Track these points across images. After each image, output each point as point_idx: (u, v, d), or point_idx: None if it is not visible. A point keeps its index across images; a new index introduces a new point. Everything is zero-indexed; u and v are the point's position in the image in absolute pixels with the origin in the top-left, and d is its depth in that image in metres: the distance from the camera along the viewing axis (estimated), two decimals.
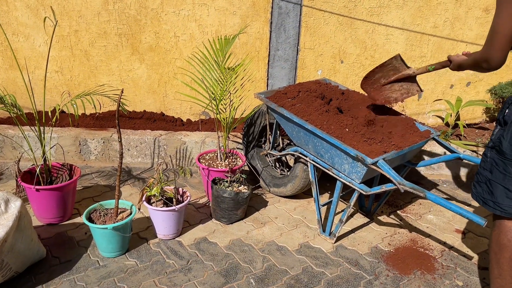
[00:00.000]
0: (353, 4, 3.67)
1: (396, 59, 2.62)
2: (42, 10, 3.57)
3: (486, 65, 1.84)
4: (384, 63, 2.68)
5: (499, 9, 1.70)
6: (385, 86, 2.71)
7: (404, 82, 2.64)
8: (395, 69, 2.65)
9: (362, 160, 2.31)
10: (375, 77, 2.74)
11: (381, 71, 2.70)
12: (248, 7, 3.64)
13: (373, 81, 2.75)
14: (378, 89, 2.75)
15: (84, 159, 3.61)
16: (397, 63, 2.63)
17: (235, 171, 2.96)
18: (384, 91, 2.72)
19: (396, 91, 2.69)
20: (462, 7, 3.72)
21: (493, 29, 1.73)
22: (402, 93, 2.67)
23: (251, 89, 3.89)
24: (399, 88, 2.66)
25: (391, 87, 2.69)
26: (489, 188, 1.92)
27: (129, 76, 3.84)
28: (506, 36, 1.70)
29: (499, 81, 3.97)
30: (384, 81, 2.70)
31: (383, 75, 2.70)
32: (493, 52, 1.76)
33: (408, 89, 2.64)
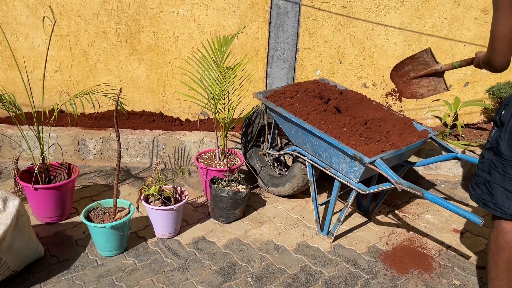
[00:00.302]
0: (351, 5, 3.68)
1: (427, 53, 2.60)
2: (41, 10, 3.58)
3: (491, 68, 1.85)
4: (414, 55, 2.67)
5: (497, 14, 1.70)
6: (414, 80, 2.68)
7: (433, 78, 2.62)
8: (425, 63, 2.63)
9: (360, 160, 2.32)
10: (405, 69, 2.71)
11: (411, 63, 2.68)
12: (247, 7, 3.65)
13: (403, 73, 2.73)
14: (407, 82, 2.73)
15: (83, 158, 3.61)
16: (427, 57, 2.62)
17: (233, 170, 2.97)
18: (413, 85, 2.70)
19: (423, 87, 2.66)
20: (460, 8, 3.73)
21: (493, 34, 1.73)
22: (429, 89, 2.64)
23: (250, 88, 3.89)
24: (427, 84, 2.64)
25: (419, 81, 2.66)
26: (489, 189, 1.92)
27: (128, 76, 3.84)
28: (504, 40, 1.70)
29: (497, 81, 3.98)
30: (413, 75, 2.68)
31: (413, 68, 2.68)
32: (494, 56, 1.77)
33: (436, 86, 2.62)
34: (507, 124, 1.83)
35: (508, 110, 1.84)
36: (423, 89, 2.65)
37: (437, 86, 2.61)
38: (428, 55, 2.60)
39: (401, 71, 2.74)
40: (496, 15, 1.70)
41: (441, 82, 2.60)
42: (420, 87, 2.66)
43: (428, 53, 2.60)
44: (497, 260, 1.94)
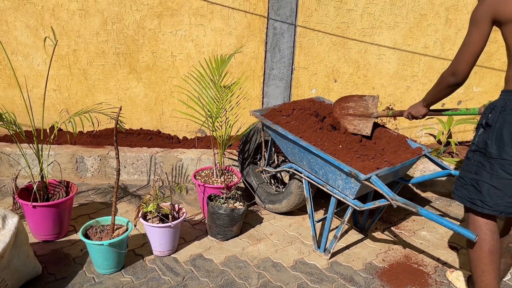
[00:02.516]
0: (345, 25, 3.77)
1: (373, 100, 2.83)
2: (41, 30, 3.64)
3: (453, 78, 2.03)
4: (362, 96, 2.89)
5: (472, 28, 1.93)
6: (348, 116, 2.93)
7: (364, 121, 2.86)
8: (366, 107, 2.86)
9: (356, 176, 2.36)
10: (347, 104, 2.95)
11: (356, 102, 2.91)
12: (243, 27, 3.73)
13: (344, 107, 2.97)
14: (341, 115, 2.97)
15: (81, 176, 3.63)
16: (371, 103, 2.85)
17: (230, 187, 2.99)
18: (345, 120, 2.94)
19: (352, 125, 2.91)
20: (452, 28, 3.84)
21: (465, 45, 1.95)
22: (355, 128, 2.90)
23: (247, 107, 3.95)
24: (356, 124, 2.90)
25: (352, 120, 2.91)
26: (477, 188, 2.02)
27: (126, 95, 3.89)
28: (474, 53, 1.93)
29: (489, 99, 4.06)
30: (351, 112, 2.92)
31: (354, 106, 2.91)
32: (462, 65, 1.97)
33: (362, 128, 2.87)
34: (494, 125, 1.94)
35: (495, 113, 1.95)
36: (350, 126, 2.91)
37: (363, 128, 2.87)
38: (373, 101, 2.84)
39: (343, 104, 2.97)
40: (471, 28, 1.93)
41: (368, 127, 2.85)
42: (349, 124, 2.92)
43: (374, 100, 2.83)
44: (479, 254, 2.02)
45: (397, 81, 3.98)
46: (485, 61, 3.94)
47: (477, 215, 2.06)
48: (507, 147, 1.90)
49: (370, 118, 2.82)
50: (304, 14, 3.72)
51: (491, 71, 3.97)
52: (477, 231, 2.04)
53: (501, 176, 1.94)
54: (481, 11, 1.91)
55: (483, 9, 1.90)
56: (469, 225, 2.09)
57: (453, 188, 2.17)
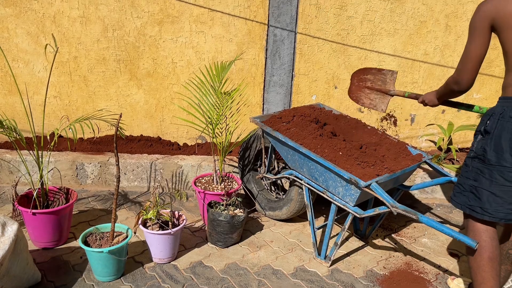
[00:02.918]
0: (345, 32, 3.79)
1: (392, 75, 2.81)
2: (42, 37, 3.66)
3: (457, 86, 2.05)
4: (381, 70, 2.86)
5: (471, 37, 1.95)
6: (365, 89, 2.91)
7: (380, 96, 2.85)
8: (384, 81, 2.84)
9: (356, 183, 2.35)
10: (366, 76, 2.92)
11: (374, 75, 2.88)
12: (244, 34, 3.75)
13: (362, 79, 2.94)
14: (359, 87, 2.95)
15: (81, 183, 3.62)
16: (390, 78, 2.82)
17: (231, 194, 2.99)
18: (362, 92, 2.93)
19: (368, 99, 2.89)
20: (452, 35, 3.85)
21: (466, 54, 1.97)
22: (371, 102, 2.88)
23: (247, 113, 3.95)
24: (373, 98, 2.87)
25: (369, 93, 2.89)
26: (476, 195, 2.02)
27: (127, 101, 3.90)
28: (476, 60, 1.94)
29: (489, 106, 4.06)
30: (369, 85, 2.90)
31: (372, 79, 2.89)
32: (464, 74, 1.98)
33: (377, 103, 2.85)
34: (493, 132, 1.94)
35: (493, 120, 1.95)
36: (367, 100, 2.89)
37: (379, 104, 2.84)
38: (392, 76, 2.81)
39: (362, 76, 2.95)
40: (471, 37, 1.95)
41: (384, 103, 2.83)
42: (366, 98, 2.90)
43: (393, 75, 2.81)
44: (479, 262, 2.02)
45: (397, 87, 3.99)
46: (485, 67, 3.95)
47: (477, 222, 2.06)
48: (505, 154, 1.90)
49: (387, 95, 2.79)
50: (304, 21, 3.73)
51: (491, 78, 3.98)
52: (477, 237, 2.03)
53: (500, 183, 1.94)
54: (479, 18, 1.91)
55: (481, 17, 1.91)
56: (468, 232, 2.09)
57: (451, 195, 2.17)
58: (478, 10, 1.93)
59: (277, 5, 3.66)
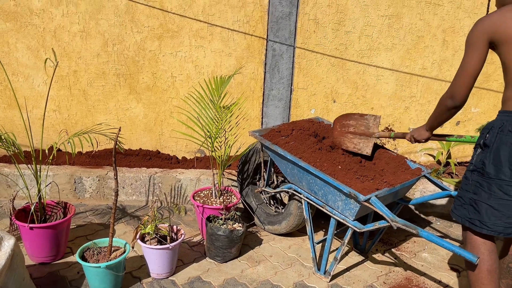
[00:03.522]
0: (344, 47, 3.82)
1: (375, 119, 2.78)
2: (42, 52, 3.68)
3: (452, 102, 2.05)
4: (364, 115, 2.84)
5: (468, 51, 1.96)
6: (348, 134, 2.87)
7: (364, 139, 2.80)
8: (367, 126, 2.81)
9: (355, 197, 2.34)
10: (348, 122, 2.89)
11: (356, 121, 2.85)
12: (243, 49, 3.78)
13: (344, 124, 2.91)
14: (341, 133, 2.91)
15: (79, 197, 3.60)
16: (372, 122, 2.79)
17: (229, 208, 2.97)
18: (345, 138, 2.89)
19: (352, 143, 2.85)
20: (449, 50, 3.88)
21: (462, 68, 1.98)
22: (355, 146, 2.83)
23: (246, 127, 3.96)
24: (357, 142, 2.83)
25: (352, 138, 2.85)
26: (475, 208, 2.00)
27: (126, 115, 3.90)
28: (472, 75, 1.95)
29: (487, 120, 4.08)
30: (351, 130, 2.86)
31: (355, 125, 2.86)
32: (460, 88, 1.99)
33: (361, 147, 2.81)
34: (492, 146, 1.94)
35: (492, 133, 1.96)
36: (350, 144, 2.85)
37: (363, 147, 2.80)
38: (375, 121, 2.78)
39: (344, 122, 2.91)
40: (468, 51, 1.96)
41: (368, 146, 2.78)
42: (349, 142, 2.85)
43: (376, 119, 2.78)
44: (478, 274, 2.00)
45: (395, 101, 4.00)
46: (483, 82, 3.97)
47: (475, 235, 2.04)
48: (504, 168, 1.90)
49: (371, 138, 2.79)
50: (303, 36, 3.77)
51: (489, 92, 4.00)
52: (475, 250, 2.02)
53: (499, 196, 1.93)
54: (478, 33, 1.93)
55: (480, 31, 1.92)
56: (466, 245, 2.08)
57: (452, 207, 2.16)
58: (477, 25, 1.94)
59: (276, 20, 3.69)
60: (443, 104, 2.10)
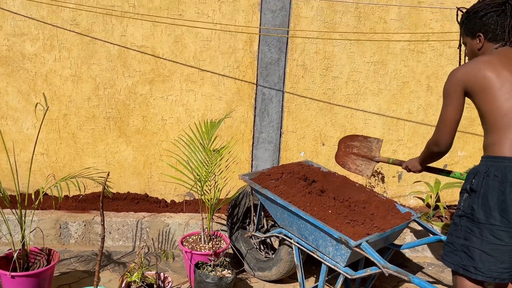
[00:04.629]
0: (331, 91, 3.91)
1: (378, 142, 2.93)
2: (33, 95, 3.70)
3: (436, 148, 2.13)
4: (367, 137, 2.98)
5: (446, 102, 2.04)
6: (351, 155, 3.01)
7: (366, 162, 2.94)
8: (369, 149, 2.95)
9: (346, 243, 2.32)
10: (352, 143, 3.04)
11: (360, 142, 3.00)
12: (233, 93, 3.84)
13: (349, 145, 3.06)
14: (345, 153, 3.06)
15: (64, 243, 3.51)
16: (375, 145, 2.93)
17: (219, 254, 2.91)
18: (348, 158, 3.03)
19: (354, 164, 2.99)
20: (434, 95, 3.99)
21: (442, 118, 2.07)
22: (356, 168, 2.97)
23: (236, 170, 3.95)
24: (359, 164, 2.97)
25: (355, 159, 2.99)
26: (468, 254, 1.98)
27: (115, 158, 3.88)
28: (452, 124, 2.04)
29: (474, 163, 4.14)
30: (355, 151, 3.00)
31: (359, 146, 3.00)
32: (442, 136, 2.08)
33: (363, 169, 2.95)
34: (479, 191, 1.95)
35: (478, 178, 1.97)
36: (353, 165, 2.99)
37: (364, 170, 2.95)
38: (377, 144, 2.94)
39: (349, 142, 3.07)
40: (445, 102, 2.04)
41: (369, 169, 2.93)
42: (352, 163, 3.00)
43: (378, 143, 2.94)
44: None
45: (383, 145, 4.06)
46: (468, 126, 4.06)
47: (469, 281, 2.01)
48: (494, 212, 1.90)
49: (372, 161, 2.89)
50: (291, 81, 3.85)
51: (474, 136, 4.09)
52: None
53: (491, 242, 1.92)
54: (453, 83, 2.01)
55: (454, 82, 2.00)
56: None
57: (442, 254, 2.14)
58: (451, 77, 2.02)
59: (265, 66, 3.79)
60: (429, 149, 2.16)
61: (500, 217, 1.88)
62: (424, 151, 2.27)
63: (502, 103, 1.92)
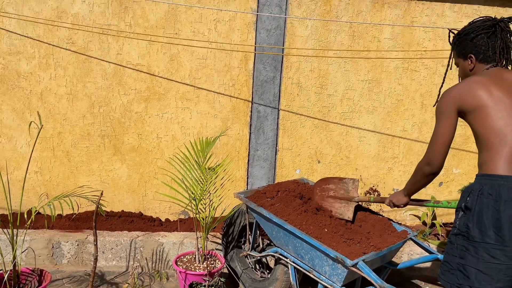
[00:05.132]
0: (326, 109, 3.92)
1: (354, 183, 2.85)
2: (27, 113, 3.68)
3: (429, 168, 2.10)
4: (343, 179, 2.91)
5: (439, 121, 2.04)
6: (328, 198, 2.90)
7: (345, 204, 2.84)
8: (346, 190, 2.87)
9: (342, 262, 2.29)
10: (328, 186, 2.93)
11: (336, 184, 2.91)
12: (228, 111, 3.84)
13: (324, 188, 2.95)
14: (322, 197, 2.94)
15: (56, 263, 3.45)
16: (352, 186, 2.86)
17: (213, 274, 2.87)
18: (326, 202, 2.91)
19: (333, 207, 2.87)
20: (428, 113, 4.02)
21: (435, 137, 2.05)
22: (336, 211, 2.85)
23: (231, 188, 3.93)
24: (337, 207, 2.85)
25: (333, 202, 2.88)
26: (464, 273, 1.96)
27: (109, 176, 3.86)
28: (445, 143, 2.03)
29: (469, 180, 4.14)
30: (331, 194, 2.90)
31: (334, 188, 2.90)
32: (435, 156, 2.05)
33: (342, 212, 2.83)
34: (474, 209, 1.93)
35: (473, 197, 1.96)
36: (332, 209, 2.87)
37: (344, 212, 2.83)
38: (354, 184, 2.86)
39: (324, 186, 2.96)
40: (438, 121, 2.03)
41: (349, 210, 2.81)
42: (331, 207, 2.89)
43: (354, 183, 2.86)
44: None
45: (378, 162, 4.06)
46: (462, 144, 4.08)
47: None
48: (489, 231, 1.89)
49: (351, 202, 2.81)
50: (286, 99, 3.87)
51: (468, 154, 4.10)
52: None
53: (486, 260, 1.91)
54: (446, 103, 2.02)
55: (448, 101, 2.01)
56: None
57: (439, 273, 2.12)
58: (444, 96, 2.04)
59: (261, 84, 3.80)
60: (421, 171, 2.15)
61: (495, 236, 1.88)
62: (414, 175, 2.23)
63: (495, 122, 1.93)
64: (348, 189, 2.86)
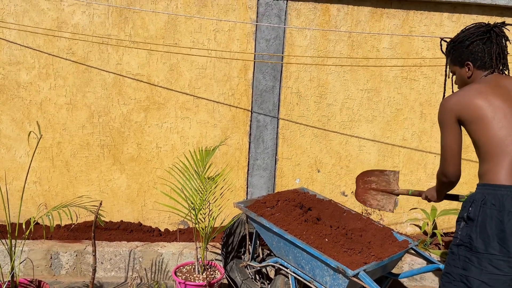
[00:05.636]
0: (326, 118, 3.93)
1: (395, 174, 2.90)
2: (27, 123, 3.68)
3: (445, 178, 2.11)
4: (384, 171, 2.95)
5: (443, 132, 2.04)
6: (371, 191, 2.97)
7: (386, 196, 2.90)
8: (388, 182, 2.92)
9: (343, 272, 2.27)
10: (370, 178, 3.00)
11: (377, 177, 2.97)
12: (228, 120, 3.85)
13: (366, 181, 3.01)
14: (365, 190, 3.01)
15: (54, 273, 3.42)
16: (393, 178, 2.91)
17: (213, 284, 2.85)
18: (368, 194, 2.98)
19: (375, 200, 2.95)
20: (427, 122, 4.02)
21: (444, 149, 2.06)
22: (378, 204, 2.92)
23: (231, 197, 3.92)
24: (379, 199, 2.93)
25: (375, 194, 2.95)
26: (467, 285, 1.93)
27: (108, 186, 3.84)
28: (454, 153, 2.02)
29: (469, 190, 4.13)
30: (374, 186, 2.97)
31: (377, 181, 2.96)
32: (448, 167, 2.06)
33: (385, 204, 2.90)
34: (477, 219, 1.91)
35: (475, 207, 1.94)
36: (374, 202, 2.95)
37: (386, 204, 2.91)
38: (395, 176, 2.91)
39: (366, 178, 3.03)
40: (443, 132, 2.04)
41: (391, 203, 2.89)
42: (373, 199, 2.96)
43: (395, 175, 2.91)
44: None
45: None
46: (462, 153, 4.06)
47: None
48: (492, 242, 1.87)
49: (392, 195, 2.86)
50: (286, 108, 3.87)
51: (469, 163, 4.10)
52: None
53: (490, 271, 1.89)
54: (446, 113, 2.01)
55: (447, 111, 2.01)
56: None
57: (440, 284, 2.09)
58: (443, 106, 2.03)
59: (260, 93, 3.81)
60: (440, 180, 2.17)
61: (500, 247, 1.85)
62: (436, 182, 2.27)
63: (495, 132, 1.92)
64: (389, 181, 2.90)
